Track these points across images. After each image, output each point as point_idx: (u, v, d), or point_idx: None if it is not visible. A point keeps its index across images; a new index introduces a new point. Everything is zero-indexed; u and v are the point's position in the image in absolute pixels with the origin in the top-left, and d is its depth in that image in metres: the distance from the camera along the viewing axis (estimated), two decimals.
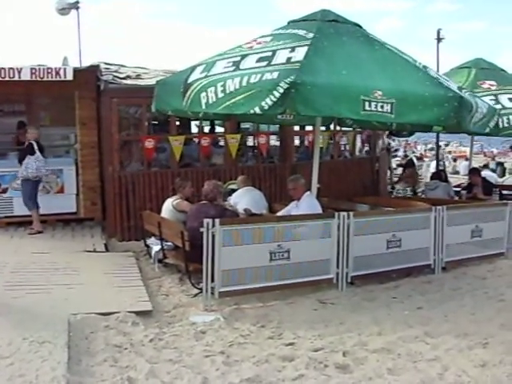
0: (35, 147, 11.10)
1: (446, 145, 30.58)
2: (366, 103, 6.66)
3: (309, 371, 5.43)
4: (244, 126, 14.89)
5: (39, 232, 11.20)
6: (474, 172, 13.53)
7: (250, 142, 14.69)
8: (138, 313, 6.90)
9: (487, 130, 8.64)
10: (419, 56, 7.99)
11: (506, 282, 8.73)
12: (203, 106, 7.20)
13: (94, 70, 11.50)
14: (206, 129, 15.75)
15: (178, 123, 12.77)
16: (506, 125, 10.41)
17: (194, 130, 14.94)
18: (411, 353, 5.97)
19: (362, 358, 5.81)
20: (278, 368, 5.50)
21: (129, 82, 11.65)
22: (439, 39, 27.93)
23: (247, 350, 5.96)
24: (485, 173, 16.68)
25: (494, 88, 11.56)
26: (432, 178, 12.90)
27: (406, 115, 6.97)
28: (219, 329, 6.59)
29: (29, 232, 11.17)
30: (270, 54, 7.26)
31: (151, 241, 9.35)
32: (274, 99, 6.43)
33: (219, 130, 15.84)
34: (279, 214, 9.03)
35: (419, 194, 13.09)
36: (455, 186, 14.09)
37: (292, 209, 8.61)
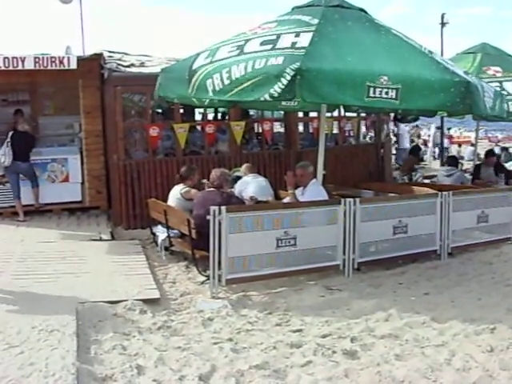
0: (7, 139, 11.22)
1: (449, 129, 30.35)
2: (371, 89, 6.61)
3: (317, 357, 5.45)
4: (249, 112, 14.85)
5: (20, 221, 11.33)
6: (490, 154, 13.60)
7: (255, 128, 14.64)
8: (145, 301, 6.92)
9: (505, 114, 8.63)
10: (424, 41, 7.93)
11: None
12: (210, 93, 7.17)
13: (97, 58, 11.48)
14: (211, 116, 15.69)
15: (181, 111, 12.76)
16: (511, 110, 10.39)
17: (198, 117, 14.93)
18: (418, 338, 5.99)
19: (369, 344, 5.83)
20: (286, 355, 5.52)
21: (133, 69, 11.65)
22: (443, 24, 27.77)
23: (255, 337, 5.98)
24: None
25: (499, 75, 11.54)
26: (448, 164, 12.83)
27: (412, 101, 6.92)
28: (227, 316, 6.61)
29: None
30: (274, 37, 7.21)
31: (157, 229, 9.36)
32: (282, 86, 6.39)
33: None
34: (285, 200, 9.02)
35: (419, 180, 13.06)
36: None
37: (298, 196, 8.59)
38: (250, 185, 9.74)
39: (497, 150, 30.69)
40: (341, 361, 5.41)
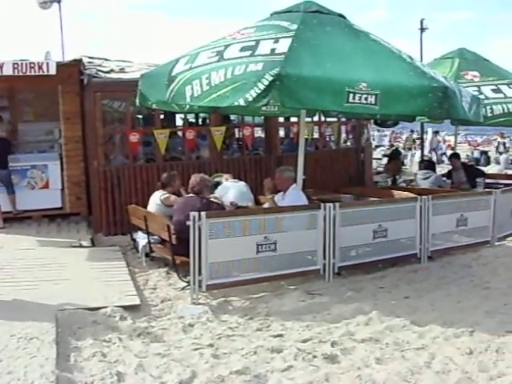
0: None
1: (436, 132, 30.40)
2: (351, 95, 6.63)
3: (297, 362, 5.46)
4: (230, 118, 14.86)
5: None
6: (454, 157, 13.66)
7: (235, 134, 14.66)
8: (125, 307, 6.89)
9: (481, 119, 8.73)
10: (405, 46, 7.99)
11: (491, 270, 8.82)
12: (188, 99, 7.18)
13: (76, 64, 11.43)
14: (193, 121, 15.70)
15: (162, 117, 12.74)
16: (489, 114, 10.50)
17: (179, 122, 14.91)
18: (398, 342, 6.03)
19: (349, 348, 5.85)
20: (267, 360, 5.53)
21: (112, 75, 11.61)
22: (422, 29, 27.95)
23: (236, 343, 5.98)
24: None
25: (477, 79, 11.63)
26: (424, 167, 12.91)
27: (391, 106, 6.94)
28: (207, 321, 6.61)
29: None
30: (253, 43, 7.22)
31: (138, 235, 9.33)
32: (259, 91, 6.41)
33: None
34: (265, 206, 9.03)
35: (402, 184, 13.12)
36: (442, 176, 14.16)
37: (278, 201, 8.61)
38: (231, 190, 9.73)
39: (476, 154, 31.07)
40: (321, 365, 5.42)
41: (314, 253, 8.14)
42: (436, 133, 30.43)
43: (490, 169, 18.16)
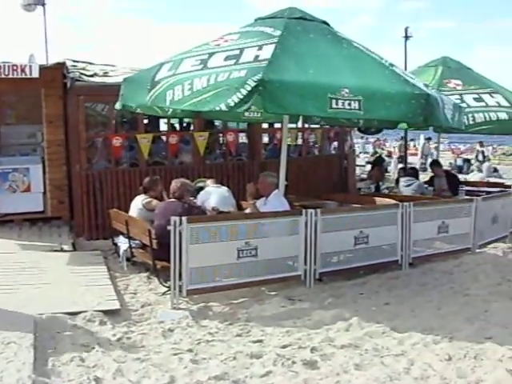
0: None
1: (428, 139, 30.46)
2: (333, 101, 6.66)
3: (276, 368, 5.46)
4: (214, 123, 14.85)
5: None
6: (435, 164, 13.73)
7: (219, 139, 14.64)
8: (105, 312, 6.87)
9: (463, 126, 8.79)
10: (391, 54, 8.05)
11: (472, 277, 8.86)
12: (167, 103, 7.19)
13: (60, 67, 11.37)
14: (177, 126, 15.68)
15: (146, 121, 12.71)
16: (471, 122, 10.59)
17: (163, 127, 14.88)
18: (378, 348, 6.05)
19: (329, 353, 5.86)
20: (246, 365, 5.52)
21: (96, 79, 11.54)
22: (407, 37, 28.16)
23: (215, 348, 5.98)
24: None
25: (459, 88, 11.73)
26: (407, 174, 12.95)
27: (374, 111, 6.97)
28: (187, 327, 6.59)
29: None
30: (237, 52, 7.24)
31: (119, 239, 9.30)
32: (241, 96, 6.42)
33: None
34: (247, 211, 9.03)
35: (385, 191, 13.16)
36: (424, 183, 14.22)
37: (260, 206, 8.61)
38: (213, 195, 9.72)
39: (459, 162, 31.27)
40: (300, 371, 5.42)
41: (295, 258, 8.15)
42: (428, 139, 30.54)
43: (472, 176, 18.25)
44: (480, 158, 33.18)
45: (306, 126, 13.87)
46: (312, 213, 8.16)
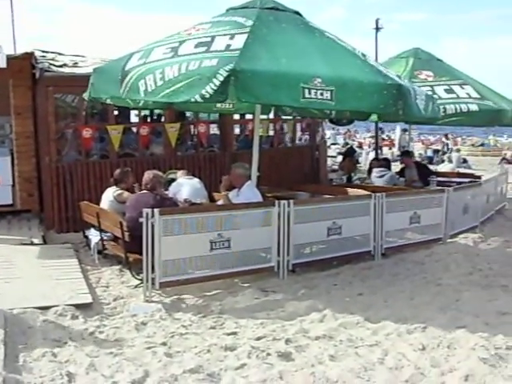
0: None
1: (404, 130, 30.41)
2: (306, 91, 6.65)
3: (251, 360, 5.43)
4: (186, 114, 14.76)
5: None
6: (405, 155, 13.78)
7: (190, 130, 14.56)
8: (77, 306, 6.77)
9: (439, 115, 8.82)
10: (362, 46, 8.04)
11: (443, 267, 8.93)
12: (142, 94, 7.09)
13: (28, 57, 11.17)
14: (148, 117, 15.56)
15: (116, 112, 12.58)
16: (442, 114, 10.62)
17: (134, 119, 14.75)
18: (352, 339, 6.05)
19: (303, 345, 5.84)
20: (220, 358, 5.48)
21: (65, 70, 11.38)
22: (378, 29, 28.28)
23: (189, 341, 5.92)
24: None
25: (430, 79, 11.78)
26: (379, 165, 12.97)
27: (346, 102, 6.99)
28: (160, 320, 6.52)
29: None
30: (208, 39, 7.19)
31: (90, 232, 9.18)
32: (215, 87, 6.38)
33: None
34: (219, 203, 8.99)
35: (357, 182, 13.18)
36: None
37: (232, 197, 8.57)
38: (184, 187, 9.67)
39: (429, 153, 31.49)
40: (275, 363, 5.39)
41: (268, 250, 8.12)
42: (404, 131, 30.62)
43: (443, 167, 18.39)
44: (445, 149, 33.39)
45: (278, 116, 13.84)
46: (285, 204, 8.14)
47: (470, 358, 5.53)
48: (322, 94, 6.72)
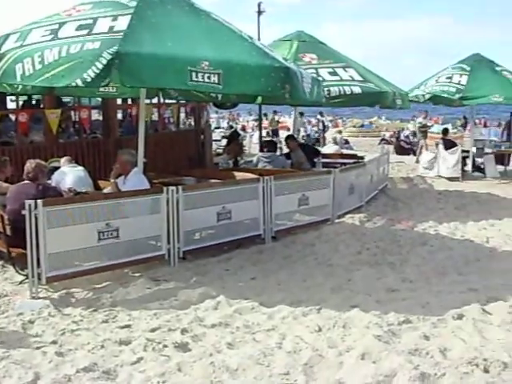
0: None
1: (301, 113, 30.54)
2: (193, 74, 6.56)
3: (147, 353, 5.27)
4: (65, 99, 14.24)
5: None
6: (290, 138, 13.92)
7: (72, 116, 14.08)
8: None
9: (323, 99, 8.89)
10: (244, 29, 7.95)
11: (333, 248, 9.10)
12: (18, 79, 6.75)
13: None
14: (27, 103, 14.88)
15: None
16: (326, 96, 10.76)
17: (11, 105, 14.07)
18: (249, 324, 6.03)
19: (200, 334, 5.76)
20: (115, 353, 5.28)
21: None
22: (260, 12, 28.28)
23: (81, 337, 5.65)
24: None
25: (314, 62, 11.97)
26: (266, 149, 12.97)
27: (234, 86, 6.95)
28: (49, 317, 6.19)
29: None
30: (90, 21, 6.94)
31: None
32: (97, 71, 6.17)
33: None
34: (106, 190, 8.70)
35: (244, 165, 13.18)
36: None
37: (120, 185, 8.31)
38: (68, 176, 9.30)
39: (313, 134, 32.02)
40: (172, 354, 5.27)
41: (158, 238, 7.96)
42: (301, 114, 30.89)
43: (328, 148, 18.71)
44: (320, 126, 33.99)
45: (162, 101, 13.63)
46: (173, 190, 7.98)
47: (365, 336, 5.65)
48: (209, 78, 6.64)
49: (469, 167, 17.86)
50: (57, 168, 9.68)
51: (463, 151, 17.74)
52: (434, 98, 16.87)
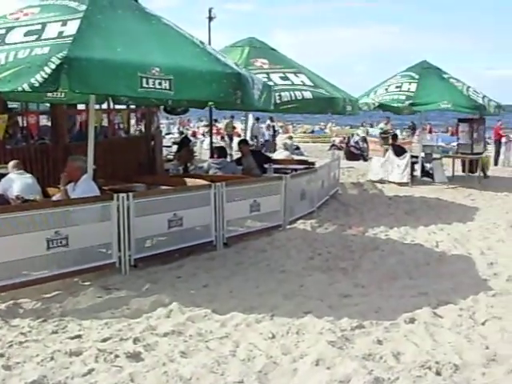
0: None
1: (257, 119, 30.17)
2: (144, 80, 6.49)
3: (99, 364, 5.16)
4: (12, 105, 13.95)
5: None
6: (243, 143, 13.90)
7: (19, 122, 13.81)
8: None
9: (272, 106, 8.90)
10: (195, 35, 7.91)
11: (285, 254, 9.11)
12: None
13: None
14: None
15: None
16: (278, 101, 10.79)
17: None
18: (202, 332, 5.97)
19: (152, 343, 5.66)
20: (66, 365, 5.14)
21: None
22: (210, 18, 28.34)
23: (29, 349, 5.49)
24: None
25: (266, 66, 12.00)
26: (218, 156, 12.91)
27: (186, 91, 6.91)
28: None
29: None
30: (39, 27, 6.81)
31: None
32: (46, 76, 6.05)
33: None
34: (55, 198, 8.53)
35: (194, 172, 13.10)
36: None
37: (69, 192, 8.15)
38: (16, 183, 9.07)
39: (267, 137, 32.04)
40: (125, 365, 5.17)
41: (109, 246, 7.83)
42: (257, 119, 30.79)
43: (279, 154, 18.75)
44: (271, 131, 34.02)
45: (112, 106, 13.47)
46: (124, 197, 7.87)
47: (319, 342, 5.67)
48: (160, 84, 6.59)
49: (418, 172, 18.12)
50: (4, 175, 9.45)
51: (412, 157, 18.02)
52: (383, 106, 17.17)
